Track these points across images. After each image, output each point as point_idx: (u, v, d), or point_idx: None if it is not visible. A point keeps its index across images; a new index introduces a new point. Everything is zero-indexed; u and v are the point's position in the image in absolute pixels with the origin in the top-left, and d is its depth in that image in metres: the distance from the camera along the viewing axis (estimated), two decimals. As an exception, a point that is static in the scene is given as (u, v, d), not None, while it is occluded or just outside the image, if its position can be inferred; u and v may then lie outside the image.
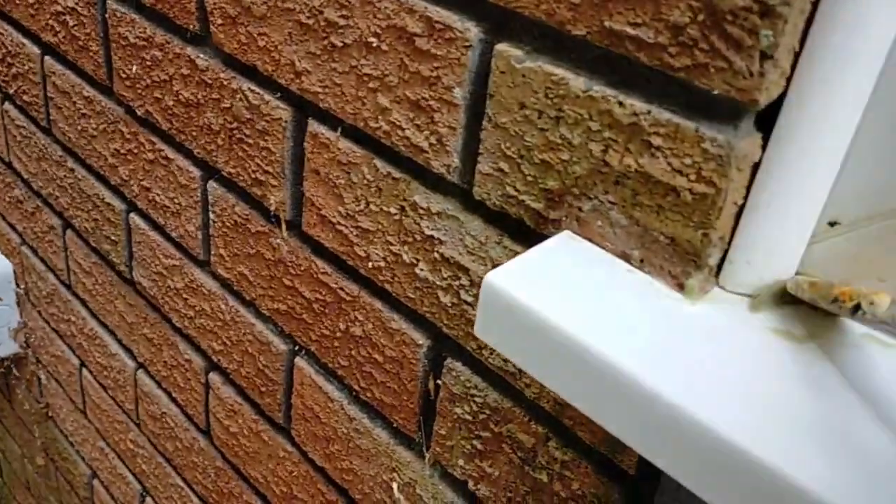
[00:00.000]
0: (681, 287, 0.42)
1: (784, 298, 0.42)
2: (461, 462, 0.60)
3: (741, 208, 0.41)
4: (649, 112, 0.41)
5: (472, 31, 0.47)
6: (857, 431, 0.35)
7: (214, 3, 0.66)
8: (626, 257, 0.45)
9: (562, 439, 0.52)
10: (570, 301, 0.41)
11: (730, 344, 0.39)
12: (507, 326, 0.42)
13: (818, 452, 0.33)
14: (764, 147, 0.39)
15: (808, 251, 0.42)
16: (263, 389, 0.80)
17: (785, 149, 0.38)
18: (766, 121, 0.39)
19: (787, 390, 0.37)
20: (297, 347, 0.73)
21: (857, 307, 0.35)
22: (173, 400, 0.99)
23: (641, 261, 0.44)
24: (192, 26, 0.70)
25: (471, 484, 0.60)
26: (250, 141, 0.68)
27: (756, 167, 0.40)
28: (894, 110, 0.37)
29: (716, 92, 0.38)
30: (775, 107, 0.38)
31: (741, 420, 0.34)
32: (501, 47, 0.46)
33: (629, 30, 0.40)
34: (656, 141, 0.41)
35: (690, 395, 0.35)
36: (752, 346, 0.39)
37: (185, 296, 0.87)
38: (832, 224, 0.40)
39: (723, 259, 0.42)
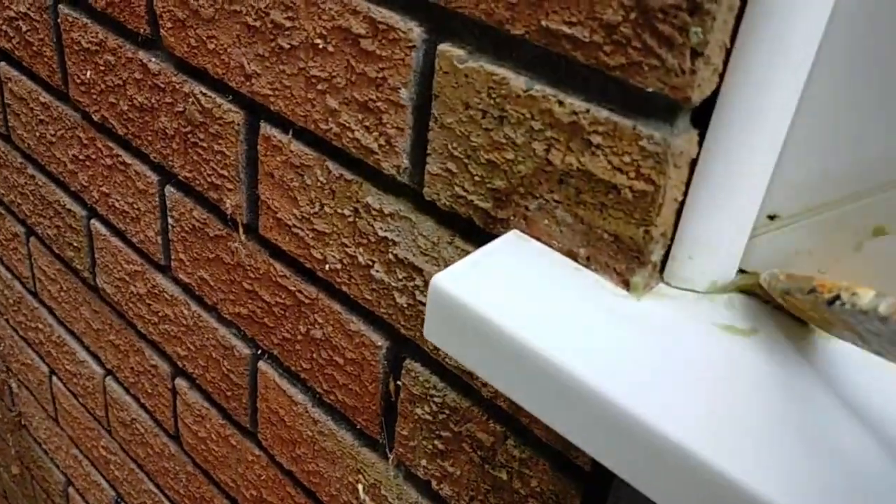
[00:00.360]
0: (626, 284, 0.43)
1: (727, 292, 0.43)
2: (424, 462, 0.60)
3: (681, 205, 0.41)
4: (588, 111, 0.41)
5: (415, 31, 0.47)
6: (800, 423, 0.35)
7: (163, 7, 0.65)
8: (572, 255, 0.45)
9: (519, 437, 0.52)
10: (516, 301, 0.41)
11: (673, 340, 0.39)
12: (455, 329, 0.42)
13: (758, 446, 0.34)
14: (701, 143, 0.39)
15: (749, 245, 0.42)
16: (229, 394, 0.79)
17: (721, 145, 0.38)
18: (703, 117, 0.39)
19: (728, 384, 0.37)
20: (259, 351, 0.73)
21: (836, 298, 0.35)
22: (142, 406, 0.99)
23: (588, 259, 0.44)
24: (142, 30, 0.69)
25: (434, 484, 0.60)
26: (204, 145, 0.67)
27: (694, 163, 0.40)
28: (826, 103, 0.37)
29: (650, 90, 0.38)
30: (711, 103, 0.38)
31: (683, 416, 0.35)
32: (444, 47, 0.46)
33: (565, 29, 0.40)
34: (596, 139, 0.41)
35: (632, 392, 0.36)
36: (695, 342, 0.39)
37: (148, 301, 0.86)
38: (772, 217, 0.41)
39: (666, 255, 0.43)
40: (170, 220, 0.76)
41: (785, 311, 0.42)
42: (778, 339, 0.40)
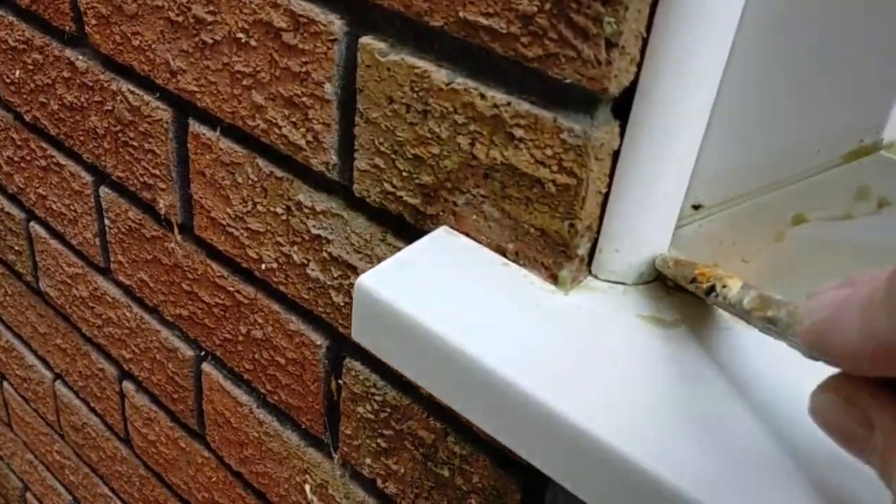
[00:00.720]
0: (554, 279, 0.42)
1: (656, 284, 0.42)
2: (368, 461, 0.59)
3: (606, 197, 0.40)
4: (509, 104, 0.40)
5: (336, 24, 0.46)
6: (720, 415, 0.35)
7: (87, 3, 0.63)
8: (501, 251, 0.44)
9: (459, 434, 0.52)
10: (442, 300, 0.40)
11: (597, 333, 0.39)
12: (381, 329, 0.41)
13: (679, 438, 0.33)
14: (623, 135, 0.39)
15: (675, 235, 0.42)
16: (175, 396, 0.78)
17: (641, 136, 0.38)
18: (625, 108, 0.38)
19: (651, 376, 0.36)
20: (203, 353, 0.71)
21: (711, 289, 0.35)
22: (92, 410, 0.97)
23: (516, 254, 0.43)
24: (67, 27, 0.67)
25: (379, 482, 0.59)
26: (135, 144, 0.65)
27: (617, 155, 0.39)
28: (745, 94, 0.37)
29: (568, 81, 0.37)
30: (632, 94, 0.38)
31: (599, 409, 0.34)
32: (365, 40, 0.45)
33: (482, 20, 0.39)
34: (518, 133, 0.40)
35: (550, 387, 0.35)
36: (619, 335, 0.39)
37: (90, 304, 0.84)
38: (696, 207, 0.40)
39: (593, 248, 0.42)
40: (106, 222, 0.74)
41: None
42: (701, 329, 0.39)
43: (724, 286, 0.33)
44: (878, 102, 0.33)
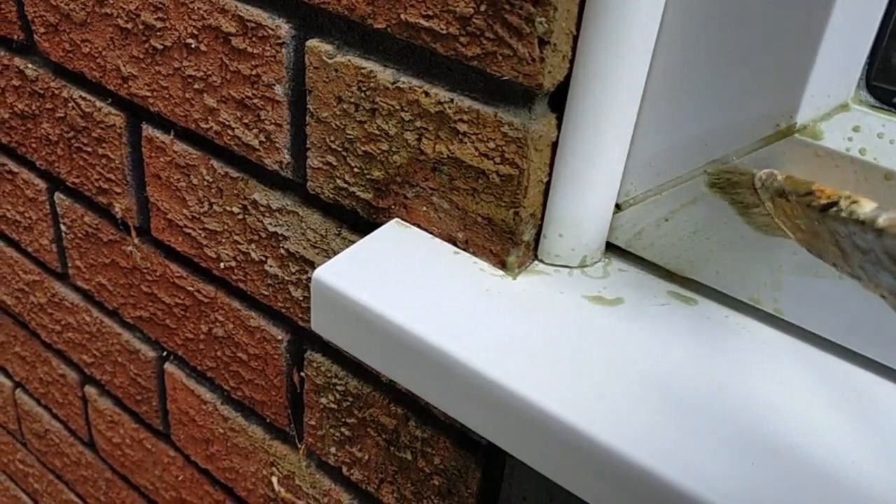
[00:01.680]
0: (503, 264, 0.44)
1: (600, 265, 0.45)
2: (333, 450, 0.61)
3: (548, 185, 0.43)
4: (452, 100, 0.42)
5: (284, 27, 0.47)
6: (660, 382, 0.37)
7: (35, 12, 0.63)
8: (452, 240, 0.46)
9: (420, 418, 0.54)
10: (396, 288, 0.42)
11: (543, 314, 0.41)
12: (339, 320, 0.43)
13: (621, 405, 0.36)
14: (560, 126, 0.41)
15: (616, 217, 0.44)
16: (139, 398, 0.79)
17: (577, 127, 0.40)
18: (562, 101, 0.41)
19: (593, 350, 0.39)
20: (165, 353, 0.72)
21: (833, 204, 0.32)
22: (55, 416, 0.97)
23: (466, 242, 0.45)
24: (16, 36, 0.67)
25: (345, 470, 0.61)
26: (89, 149, 0.66)
27: (556, 146, 0.41)
28: (671, 82, 0.39)
29: (506, 78, 0.39)
30: (567, 88, 0.40)
31: (550, 384, 0.37)
32: (312, 43, 0.47)
33: (423, 22, 0.41)
34: (462, 127, 0.42)
35: (503, 365, 0.37)
36: (563, 315, 0.41)
37: (49, 311, 0.84)
38: (636, 189, 0.43)
39: (538, 234, 0.44)
40: (62, 228, 0.75)
41: (655, 275, 0.44)
42: (641, 306, 0.42)
43: (853, 202, 0.31)
44: (790, 88, 0.36)
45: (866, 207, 0.30)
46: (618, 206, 0.44)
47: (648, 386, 0.37)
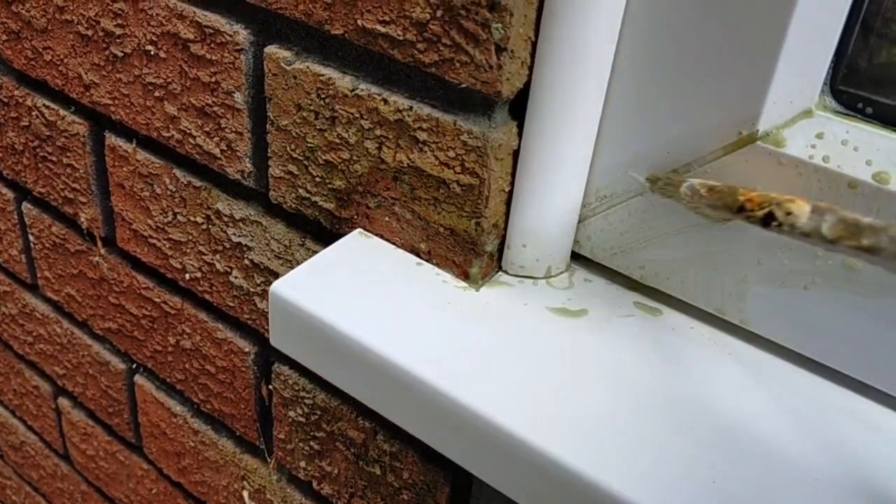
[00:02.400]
0: (466, 275, 0.43)
1: (566, 275, 0.44)
2: (303, 464, 0.60)
3: (510, 195, 0.42)
4: (411, 108, 0.41)
5: (242, 34, 0.46)
6: (621, 402, 0.36)
7: (-5, 17, 0.62)
8: (415, 251, 0.45)
9: (388, 432, 0.53)
10: (355, 301, 0.41)
11: (508, 326, 0.40)
12: (298, 333, 0.42)
13: (584, 428, 0.35)
14: (521, 135, 0.40)
15: (582, 227, 0.43)
16: (111, 410, 0.77)
17: (538, 135, 0.39)
18: (522, 109, 0.40)
19: (556, 365, 0.38)
20: (134, 365, 0.71)
21: (770, 217, 0.30)
22: (30, 428, 0.95)
23: (429, 253, 0.44)
24: (-22, 42, 0.66)
25: (315, 484, 0.60)
26: (54, 158, 0.65)
27: (517, 154, 0.40)
28: (634, 89, 0.38)
29: (464, 85, 0.38)
30: (527, 95, 0.39)
31: (510, 401, 0.35)
32: (271, 49, 0.45)
33: (380, 28, 0.40)
34: (422, 136, 0.41)
35: (462, 381, 0.36)
36: (527, 327, 0.40)
37: (20, 321, 0.83)
38: (602, 198, 0.42)
39: (502, 245, 0.43)
40: (31, 238, 0.74)
41: (622, 286, 0.43)
42: (606, 317, 0.41)
43: (787, 213, 0.28)
44: (751, 94, 0.35)
45: (802, 216, 0.29)
46: (583, 216, 0.43)
47: (610, 402, 0.36)
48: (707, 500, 0.32)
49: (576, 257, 0.45)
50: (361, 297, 0.41)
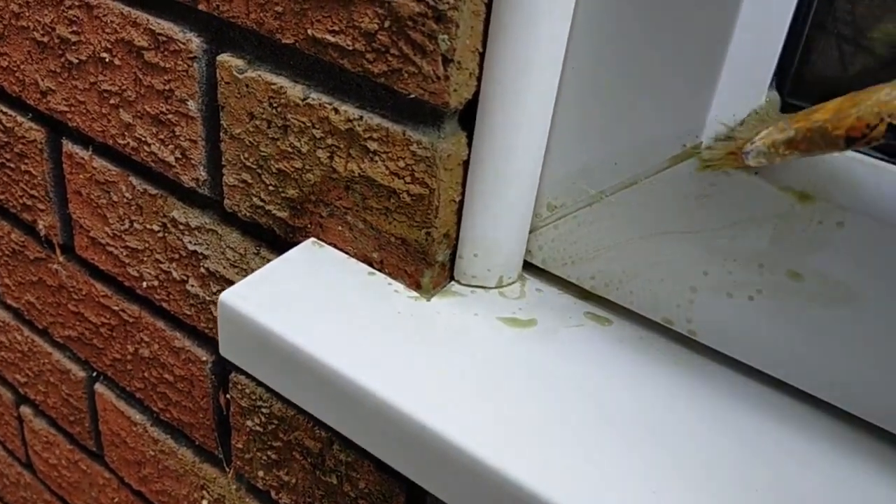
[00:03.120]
0: (418, 285, 0.43)
1: (517, 285, 0.44)
2: (261, 473, 0.59)
3: (461, 205, 0.42)
4: (362, 118, 0.41)
5: (195, 41, 0.46)
6: (564, 413, 0.36)
7: (-48, 22, 0.61)
8: (367, 260, 0.45)
9: (344, 442, 0.52)
10: (305, 311, 0.41)
11: (457, 337, 0.40)
12: (246, 344, 0.42)
13: (527, 443, 0.35)
14: (471, 145, 0.40)
15: (533, 237, 0.43)
16: (72, 418, 0.76)
17: (487, 145, 0.39)
18: (472, 119, 0.40)
19: (503, 376, 0.38)
20: (95, 374, 0.70)
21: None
22: (-8, 437, 0.94)
23: (381, 262, 0.44)
24: (-65, 46, 0.65)
25: (273, 493, 0.60)
26: (12, 165, 0.64)
27: (467, 165, 0.40)
28: (581, 100, 0.38)
29: (413, 96, 0.38)
30: (476, 106, 0.39)
31: (454, 414, 0.35)
32: (223, 58, 0.45)
33: (329, 37, 0.40)
34: (372, 146, 0.41)
35: (403, 392, 0.36)
36: (478, 337, 0.40)
37: (-19, 329, 0.82)
38: (549, 210, 0.42)
39: (454, 254, 0.43)
40: (-11, 244, 0.73)
41: (573, 295, 0.43)
42: (555, 327, 0.41)
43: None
44: (694, 107, 0.35)
45: None
46: (534, 226, 0.43)
47: (555, 413, 0.36)
48: (649, 511, 0.32)
49: (529, 267, 0.45)
50: (310, 307, 0.41)
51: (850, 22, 0.36)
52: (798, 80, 0.37)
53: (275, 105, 0.44)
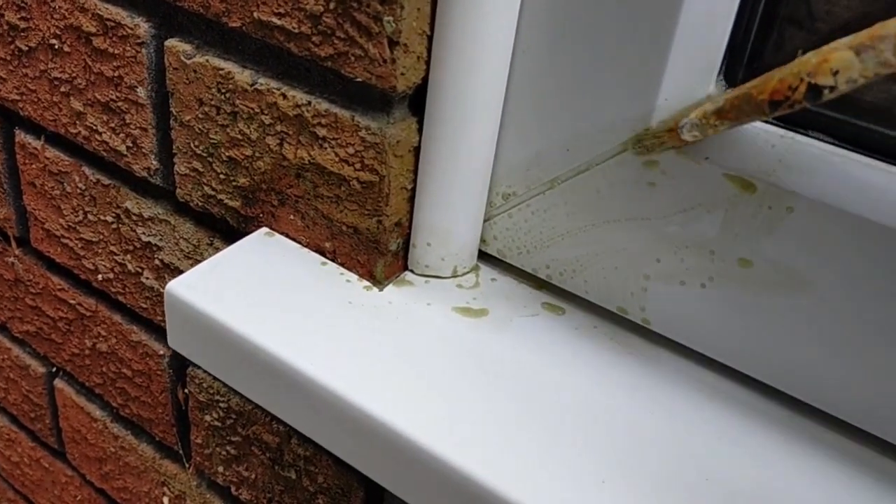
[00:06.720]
0: (370, 275, 0.42)
1: (472, 275, 0.43)
2: (221, 469, 0.58)
3: (413, 193, 0.41)
4: (310, 103, 0.40)
5: (143, 26, 0.45)
6: (516, 403, 0.36)
7: None
8: (320, 250, 0.44)
9: (301, 436, 0.51)
10: (252, 302, 0.40)
11: (409, 327, 0.39)
12: (193, 335, 0.41)
13: (478, 433, 0.34)
14: (421, 131, 0.39)
15: (488, 226, 0.43)
16: (33, 415, 0.75)
17: (437, 131, 0.38)
18: (423, 105, 0.39)
19: (453, 367, 0.37)
20: (54, 369, 0.69)
21: (816, 91, 0.25)
22: (-45, 435, 0.92)
23: (334, 252, 0.43)
24: None
25: (233, 489, 0.59)
26: (-35, 156, 0.62)
27: (419, 151, 0.40)
28: (533, 85, 0.38)
29: (360, 80, 0.37)
30: (426, 90, 0.38)
31: (402, 405, 0.35)
32: (171, 43, 0.44)
33: (275, 20, 0.39)
34: (321, 132, 0.40)
35: (356, 383, 0.35)
36: (430, 327, 0.39)
37: (-60, 325, 0.80)
38: (504, 198, 0.41)
39: (407, 244, 0.42)
40: (-54, 238, 0.71)
41: (528, 285, 0.42)
42: (508, 317, 0.40)
43: (834, 73, 0.23)
44: (643, 92, 0.34)
45: (852, 66, 0.24)
46: (488, 215, 0.42)
47: (505, 404, 0.36)
48: (599, 501, 0.31)
49: (485, 257, 0.44)
50: (260, 297, 0.40)
51: (804, 9, 0.36)
52: (750, 67, 0.36)
53: (223, 91, 0.43)
